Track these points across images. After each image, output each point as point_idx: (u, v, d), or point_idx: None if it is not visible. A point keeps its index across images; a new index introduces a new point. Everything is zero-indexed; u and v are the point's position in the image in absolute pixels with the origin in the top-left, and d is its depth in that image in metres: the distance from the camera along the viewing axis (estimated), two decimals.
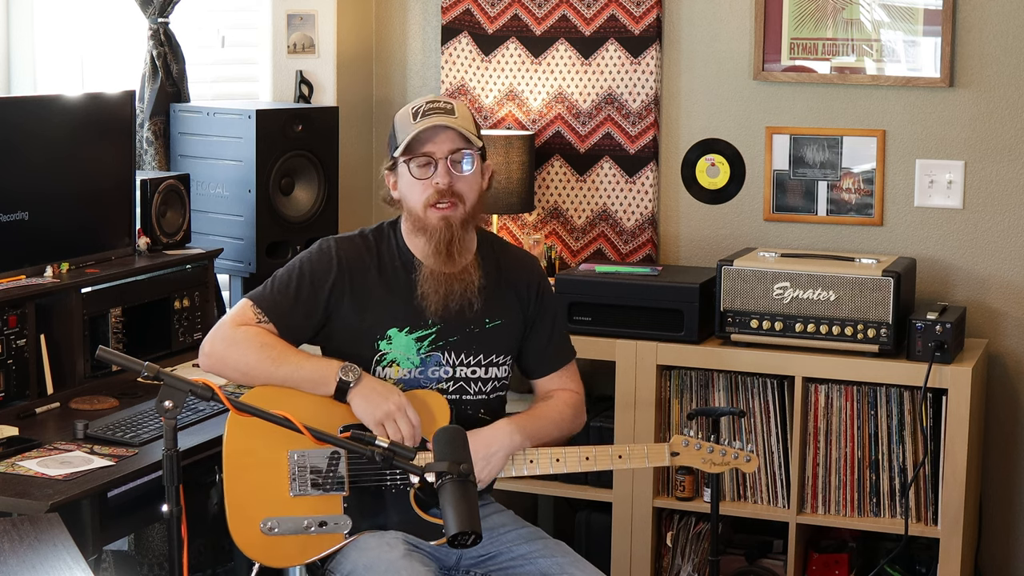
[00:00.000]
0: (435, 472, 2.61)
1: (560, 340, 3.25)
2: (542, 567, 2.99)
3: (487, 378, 3.11)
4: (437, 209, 3.01)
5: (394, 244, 3.10)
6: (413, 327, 3.05)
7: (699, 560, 4.12)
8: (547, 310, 3.21)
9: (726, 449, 3.12)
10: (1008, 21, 4.13)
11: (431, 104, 3.05)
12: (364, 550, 2.91)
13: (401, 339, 3.05)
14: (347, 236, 3.14)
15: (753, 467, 3.16)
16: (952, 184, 4.23)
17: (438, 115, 3.02)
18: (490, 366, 3.11)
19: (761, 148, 4.39)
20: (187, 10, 4.38)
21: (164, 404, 2.55)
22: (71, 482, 2.91)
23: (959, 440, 3.84)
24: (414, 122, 3.02)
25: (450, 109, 3.04)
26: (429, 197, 3.01)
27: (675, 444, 3.09)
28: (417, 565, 2.86)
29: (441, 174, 3.01)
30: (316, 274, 3.05)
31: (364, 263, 3.07)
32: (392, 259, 3.09)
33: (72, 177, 3.74)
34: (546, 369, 3.22)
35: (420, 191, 3.02)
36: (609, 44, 4.47)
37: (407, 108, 3.08)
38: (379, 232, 3.14)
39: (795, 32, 4.30)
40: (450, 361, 3.07)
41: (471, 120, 3.08)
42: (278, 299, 3.04)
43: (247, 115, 4.08)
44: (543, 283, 3.22)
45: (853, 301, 3.92)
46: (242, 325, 3.01)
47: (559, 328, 3.25)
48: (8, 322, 3.39)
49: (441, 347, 3.06)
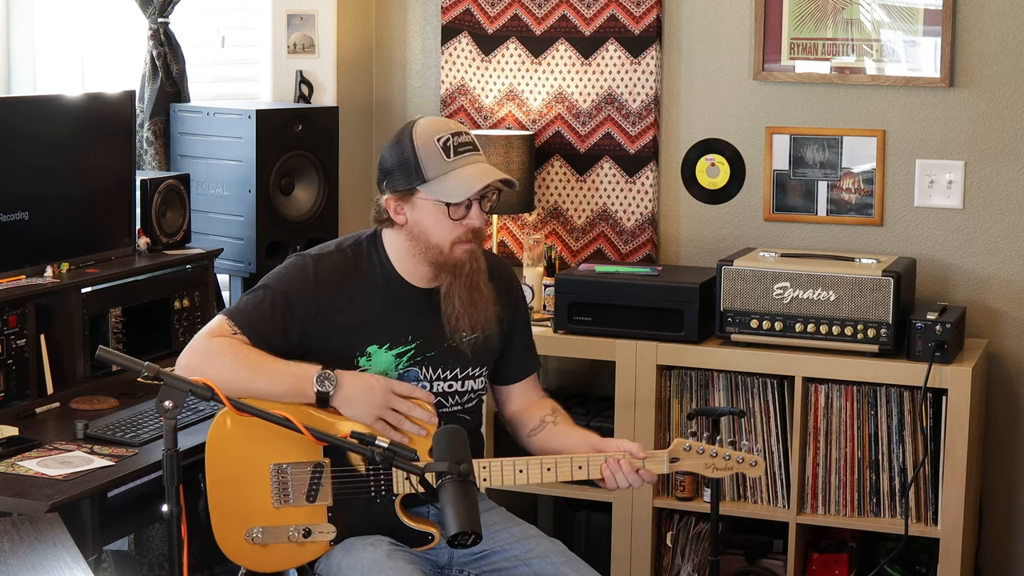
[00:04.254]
0: (435, 472, 2.61)
1: (532, 345, 3.29)
2: (536, 568, 2.98)
3: (464, 391, 3.11)
4: (464, 244, 2.99)
5: (376, 260, 3.06)
6: (393, 343, 3.03)
7: (699, 560, 4.12)
8: (522, 318, 3.23)
9: (730, 453, 3.02)
10: (1008, 21, 4.13)
11: (459, 139, 2.98)
12: (349, 550, 2.91)
13: (381, 356, 3.03)
14: (324, 252, 3.08)
15: (759, 471, 3.05)
16: (952, 184, 4.23)
17: (471, 153, 2.98)
18: (467, 379, 3.10)
19: (761, 148, 4.39)
20: (187, 10, 4.38)
21: (164, 404, 2.55)
22: (71, 482, 2.91)
23: (959, 440, 3.84)
24: (448, 159, 2.95)
25: (474, 143, 3.01)
26: (460, 236, 2.98)
27: (675, 450, 3.01)
28: (401, 563, 2.86)
29: (476, 216, 2.98)
30: (291, 293, 3.00)
31: (343, 279, 3.03)
32: (373, 275, 3.05)
33: (72, 177, 3.74)
34: (522, 374, 3.24)
35: (450, 229, 2.98)
36: (609, 44, 4.47)
37: (431, 139, 2.97)
38: (358, 247, 3.09)
39: (795, 32, 4.30)
40: (428, 376, 3.06)
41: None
42: (254, 315, 2.99)
43: (247, 115, 4.08)
44: (520, 291, 3.25)
45: (853, 301, 3.92)
46: (217, 337, 2.98)
47: (530, 333, 3.28)
48: (8, 322, 3.39)
49: (419, 362, 3.05)
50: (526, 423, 3.20)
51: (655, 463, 3.02)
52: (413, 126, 3.01)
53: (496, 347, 3.16)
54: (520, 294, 3.25)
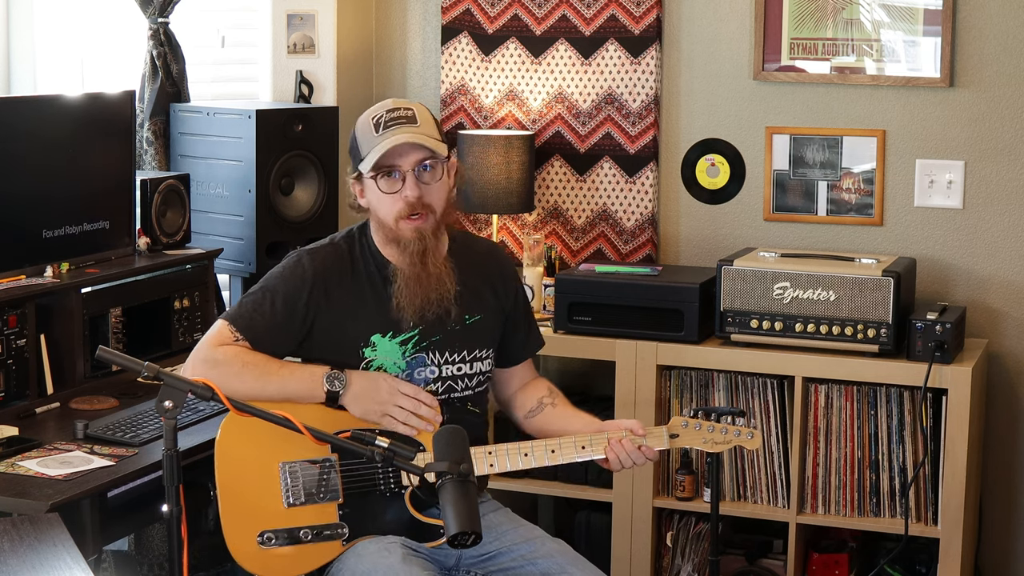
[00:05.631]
0: (435, 472, 2.61)
1: (534, 325, 3.30)
2: (543, 568, 2.99)
3: (472, 373, 3.12)
4: (409, 221, 3.00)
5: (367, 249, 3.09)
6: (396, 331, 3.04)
7: (699, 560, 4.12)
8: (520, 300, 3.25)
9: (727, 427, 3.06)
10: (1008, 21, 4.13)
11: (392, 114, 3.01)
12: (362, 556, 2.91)
13: (385, 344, 3.04)
14: (319, 246, 3.10)
15: (757, 443, 3.08)
16: (952, 184, 4.23)
17: (400, 126, 2.98)
18: (474, 361, 3.11)
19: (761, 148, 4.39)
20: (187, 10, 4.38)
21: (164, 404, 2.55)
22: (71, 482, 2.91)
23: (959, 440, 3.84)
24: (376, 134, 2.99)
25: (411, 117, 3.01)
26: (400, 210, 3.00)
27: (674, 426, 3.05)
28: (416, 569, 2.86)
29: (410, 187, 2.99)
30: (290, 290, 3.02)
31: (339, 272, 3.05)
32: (367, 264, 3.07)
33: (72, 177, 3.74)
34: (524, 355, 3.27)
35: (389, 204, 3.00)
36: (609, 44, 4.47)
37: (367, 117, 3.04)
38: (350, 239, 3.11)
39: (795, 32, 4.30)
40: (436, 361, 3.07)
41: (433, 124, 3.05)
42: (255, 318, 3.01)
43: (247, 115, 4.08)
44: (513, 273, 3.26)
45: (853, 301, 3.92)
46: (221, 346, 2.99)
47: (531, 314, 3.29)
48: (8, 322, 3.39)
49: (425, 348, 3.06)
50: (524, 404, 3.23)
51: (655, 439, 3.04)
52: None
53: (495, 327, 3.17)
54: (514, 274, 3.25)
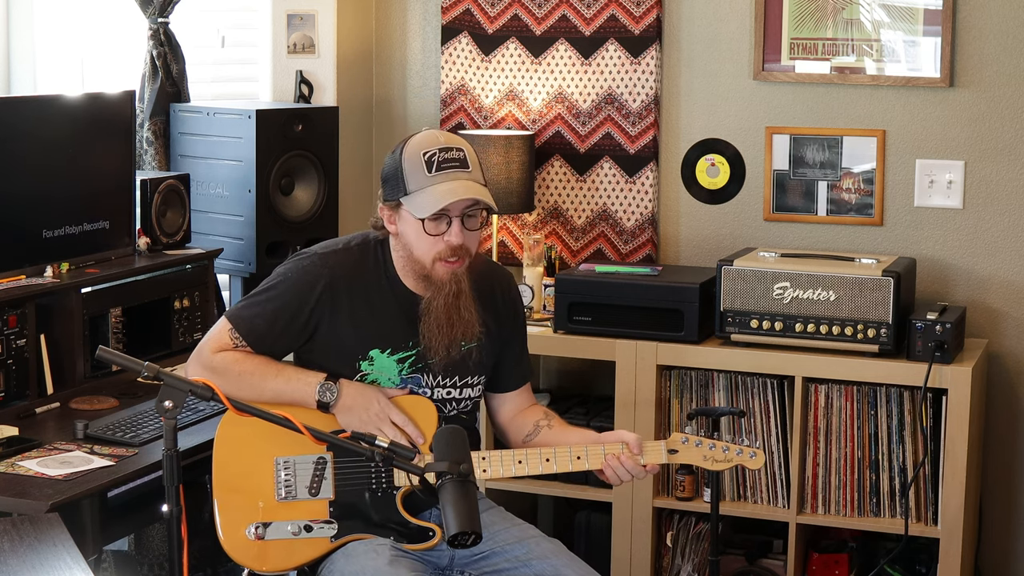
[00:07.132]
0: (435, 472, 2.61)
1: (527, 354, 3.27)
2: (537, 569, 2.98)
3: (461, 398, 3.11)
4: (447, 264, 2.96)
5: (383, 267, 3.05)
6: (395, 348, 3.03)
7: (699, 560, 4.12)
8: (519, 327, 3.23)
9: (728, 446, 3.03)
10: (1008, 21, 4.13)
11: (445, 154, 2.94)
12: (351, 556, 2.91)
13: (383, 360, 3.03)
14: (333, 250, 3.07)
15: (759, 463, 3.04)
16: (952, 184, 4.23)
17: (454, 170, 2.93)
18: (464, 387, 3.11)
19: (761, 148, 4.39)
20: (187, 10, 4.38)
21: (164, 404, 2.55)
22: (71, 482, 2.91)
23: (959, 440, 3.84)
24: (429, 174, 2.92)
25: (463, 160, 2.95)
26: (440, 252, 2.96)
27: (673, 441, 3.02)
28: (403, 571, 2.86)
29: (455, 233, 2.94)
30: (297, 296, 3.00)
31: (349, 280, 3.03)
32: (379, 278, 3.05)
33: (72, 177, 3.74)
34: (517, 383, 3.23)
35: (430, 244, 2.95)
36: (609, 44, 4.47)
37: (417, 151, 2.95)
38: (365, 246, 3.08)
39: (795, 32, 4.30)
40: (430, 383, 3.06)
41: (479, 167, 2.99)
42: (257, 323, 3.01)
43: (247, 115, 4.08)
44: (518, 299, 3.23)
45: (853, 301, 3.92)
46: (220, 351, 3.00)
47: (525, 342, 3.26)
48: (8, 322, 3.39)
49: (420, 369, 3.05)
50: (521, 429, 3.20)
51: (653, 454, 3.02)
52: (410, 138, 3.00)
53: (493, 356, 3.15)
54: (519, 304, 3.23)
